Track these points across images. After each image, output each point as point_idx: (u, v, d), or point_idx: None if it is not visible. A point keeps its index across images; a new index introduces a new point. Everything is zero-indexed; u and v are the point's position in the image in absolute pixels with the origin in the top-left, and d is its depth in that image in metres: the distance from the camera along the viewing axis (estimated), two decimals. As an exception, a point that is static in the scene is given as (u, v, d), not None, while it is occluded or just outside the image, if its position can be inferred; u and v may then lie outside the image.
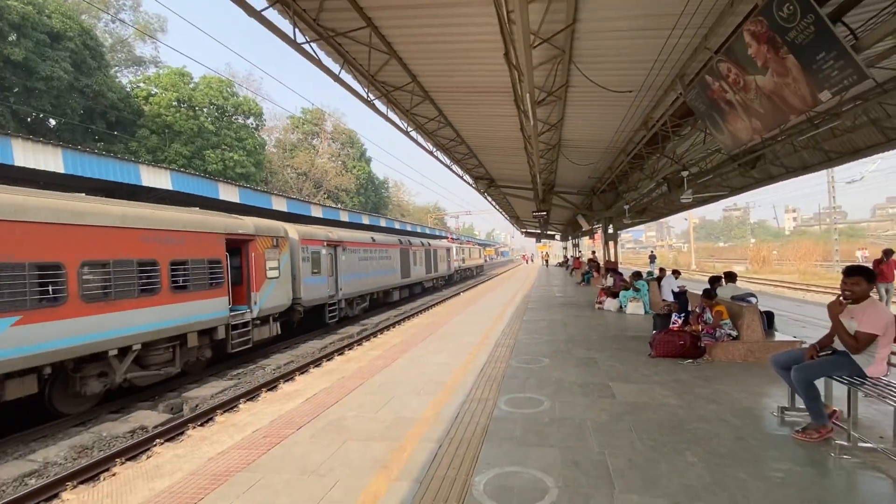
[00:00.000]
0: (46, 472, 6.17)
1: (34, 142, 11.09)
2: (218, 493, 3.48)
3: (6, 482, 5.82)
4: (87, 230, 7.77)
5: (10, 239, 6.68)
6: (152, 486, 3.78)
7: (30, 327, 6.80)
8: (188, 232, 9.86)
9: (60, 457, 6.52)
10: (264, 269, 12.19)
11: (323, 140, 52.38)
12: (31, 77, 22.94)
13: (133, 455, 6.56)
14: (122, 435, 7.28)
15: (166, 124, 29.95)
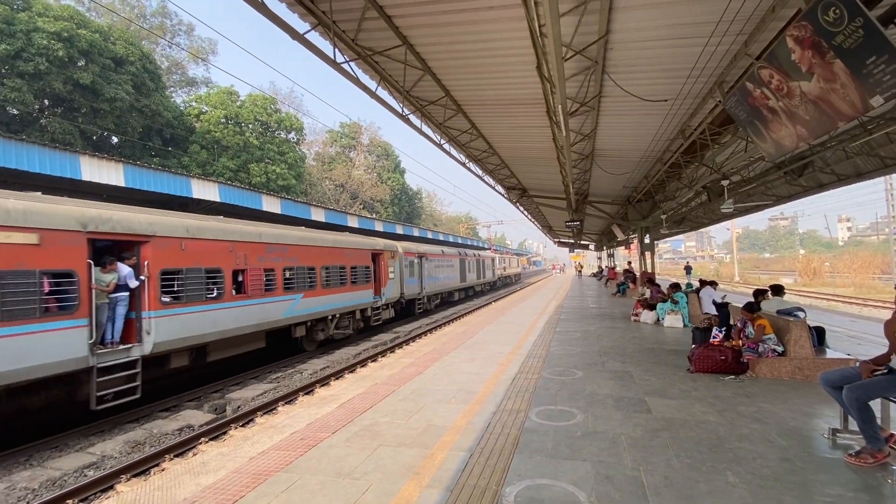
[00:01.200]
0: (103, 464, 6.61)
1: (99, 158, 12.07)
2: (258, 491, 3.66)
3: (68, 472, 6.28)
4: (330, 249, 14.47)
5: (306, 253, 13.11)
6: (198, 482, 4.01)
7: (305, 300, 12.77)
8: (358, 249, 16.16)
9: (116, 451, 6.97)
10: (387, 272, 17.94)
11: (359, 153, 53.86)
12: (97, 99, 24.96)
13: (180, 452, 6.94)
14: (171, 432, 7.70)
15: (215, 140, 31.73)
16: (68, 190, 12.35)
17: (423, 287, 22.37)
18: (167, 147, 29.95)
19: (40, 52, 22.18)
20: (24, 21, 22.02)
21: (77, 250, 7.09)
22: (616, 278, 28.13)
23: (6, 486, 5.81)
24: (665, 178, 13.81)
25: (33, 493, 5.74)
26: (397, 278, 18.81)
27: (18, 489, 5.78)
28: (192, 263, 9.19)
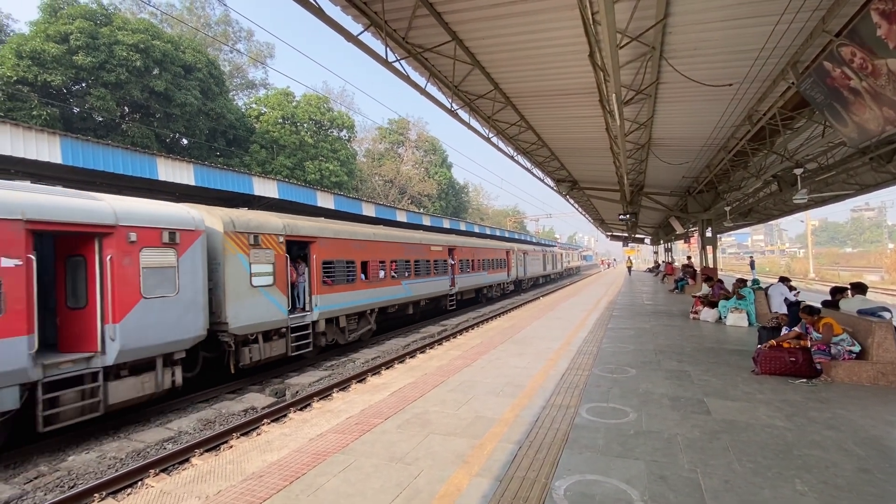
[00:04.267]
0: (180, 439, 7.28)
1: (172, 159, 13.13)
2: (318, 470, 3.90)
3: (150, 445, 6.97)
4: (471, 249, 23.70)
5: (424, 251, 18.34)
6: (264, 458, 4.35)
7: (411, 283, 16.88)
8: (497, 249, 28.03)
9: (190, 427, 7.65)
10: (515, 263, 31.31)
11: (407, 148, 54.68)
12: (169, 104, 27.07)
13: (246, 431, 7.49)
14: (238, 413, 8.32)
15: (273, 139, 33.44)
16: (147, 189, 13.54)
17: (526, 273, 34.66)
18: (230, 147, 31.94)
19: (121, 63, 24.34)
20: (107, 35, 24.22)
21: (282, 247, 10.83)
22: (674, 274, 26.78)
23: (97, 455, 6.55)
24: (729, 168, 12.95)
25: (121, 462, 6.42)
26: (516, 266, 31.78)
27: (108, 458, 6.50)
28: (340, 256, 12.80)
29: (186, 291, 8.22)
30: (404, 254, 16.66)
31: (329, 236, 12.35)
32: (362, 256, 13.91)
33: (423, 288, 18.00)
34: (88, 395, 6.88)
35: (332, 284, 12.33)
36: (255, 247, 9.89)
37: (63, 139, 10.60)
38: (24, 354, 6.00)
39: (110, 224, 7.13)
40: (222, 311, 9.08)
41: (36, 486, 5.70)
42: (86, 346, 7.00)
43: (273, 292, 10.28)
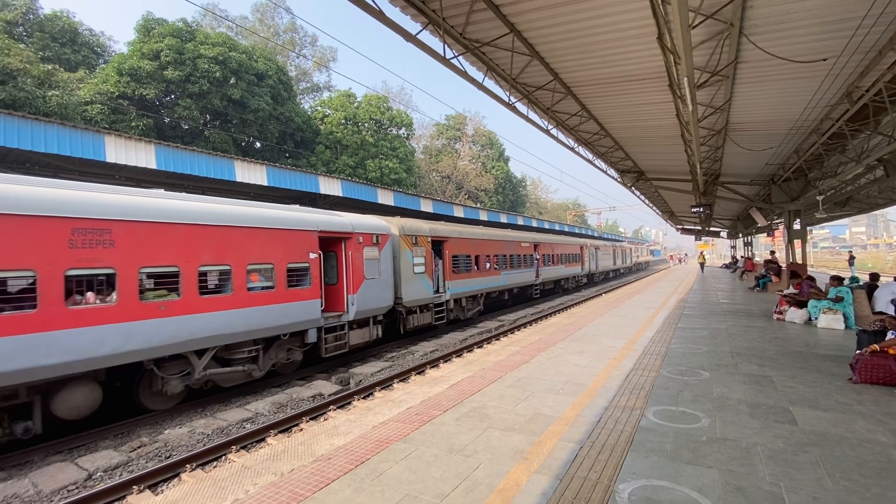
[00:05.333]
0: (257, 419, 7.89)
1: (247, 161, 14.18)
2: (381, 456, 4.07)
3: (232, 423, 7.62)
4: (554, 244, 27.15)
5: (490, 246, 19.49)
6: (332, 442, 4.60)
7: (507, 274, 20.14)
8: (572, 245, 30.70)
9: (266, 409, 8.26)
10: (588, 257, 33.65)
11: (464, 143, 54.75)
12: (244, 110, 29.20)
13: (315, 415, 7.96)
14: (307, 398, 8.86)
15: (337, 140, 34.97)
16: (226, 190, 14.74)
17: (597, 267, 36.79)
18: (298, 149, 33.85)
19: (203, 75, 26.60)
20: (191, 50, 26.55)
21: (429, 245, 14.47)
22: (755, 270, 24.59)
23: (188, 430, 7.27)
24: (823, 152, 11.62)
25: (208, 438, 7.09)
26: (589, 261, 33.91)
27: (197, 433, 7.20)
28: (462, 252, 16.41)
29: (384, 275, 11.96)
30: (502, 249, 19.72)
31: (456, 236, 16.14)
32: (476, 251, 17.33)
33: (516, 278, 21.05)
34: (340, 338, 10.85)
35: (457, 273, 16.01)
36: (415, 245, 13.64)
37: (157, 147, 11.81)
38: (318, 310, 9.96)
39: (349, 231, 10.96)
40: (399, 290, 12.83)
41: (139, 454, 6.46)
42: (338, 308, 10.89)
43: (425, 278, 14.02)
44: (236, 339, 8.38)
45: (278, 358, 9.62)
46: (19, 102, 20.18)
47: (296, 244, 9.51)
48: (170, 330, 7.28)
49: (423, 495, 3.36)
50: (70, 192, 6.48)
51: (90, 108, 23.55)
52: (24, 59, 22.27)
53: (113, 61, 26.42)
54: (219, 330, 8.02)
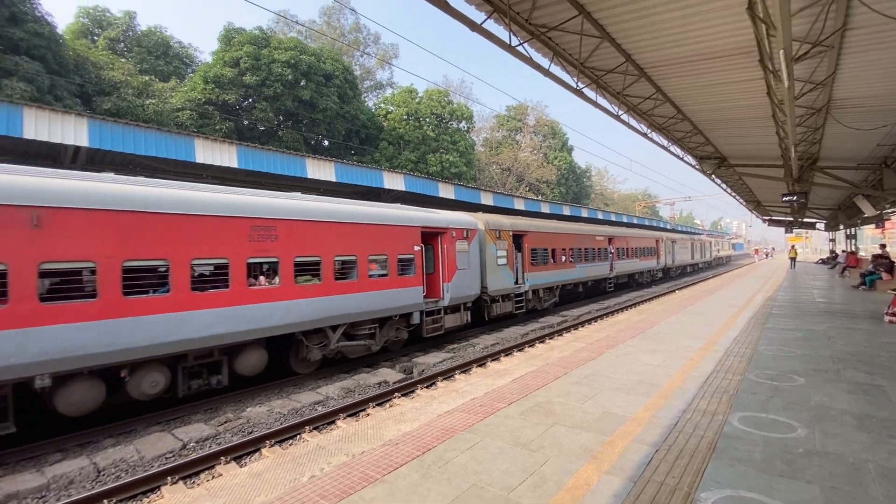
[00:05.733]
0: (327, 402, 8.33)
1: (317, 159, 14.90)
2: (446, 444, 4.12)
3: (305, 405, 8.10)
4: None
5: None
6: (399, 428, 4.74)
7: (582, 267, 20.68)
8: (647, 238, 30.37)
9: (335, 394, 8.69)
10: (664, 251, 32.91)
11: (525, 134, 53.64)
12: (313, 110, 30.73)
13: (380, 402, 8.25)
14: (373, 385, 9.21)
15: (399, 136, 35.78)
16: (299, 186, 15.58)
17: (674, 261, 35.72)
18: (363, 145, 35.07)
19: (277, 79, 28.32)
20: (266, 56, 28.34)
21: (511, 238, 15.43)
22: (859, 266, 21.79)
23: (267, 409, 7.84)
24: (952, 129, 9.93)
25: (284, 417, 7.60)
26: (664, 254, 32.90)
27: (275, 412, 7.73)
28: (540, 245, 17.13)
29: (473, 266, 13.22)
30: (578, 243, 20.26)
31: (534, 230, 16.96)
32: (552, 245, 18.09)
33: (591, 271, 21.49)
34: (437, 321, 12.16)
35: (535, 265, 16.77)
36: (498, 239, 14.63)
37: (239, 147, 12.77)
38: (421, 296, 11.42)
39: (445, 227, 12.30)
40: (485, 280, 13.91)
41: (226, 428, 7.07)
42: (435, 295, 12.11)
43: (507, 269, 14.97)
44: (360, 318, 9.99)
45: (389, 336, 11.07)
46: (122, 111, 22.74)
47: (404, 238, 11.04)
48: (315, 308, 8.94)
49: (489, 486, 3.35)
50: (248, 198, 8.22)
51: (181, 114, 26.00)
52: (125, 72, 25.07)
53: (199, 70, 28.94)
54: (348, 309, 9.66)
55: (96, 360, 6.21)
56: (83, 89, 22.81)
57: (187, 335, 7.11)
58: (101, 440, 6.70)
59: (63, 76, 21.42)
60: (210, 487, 3.91)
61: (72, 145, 9.86)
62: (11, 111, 9.10)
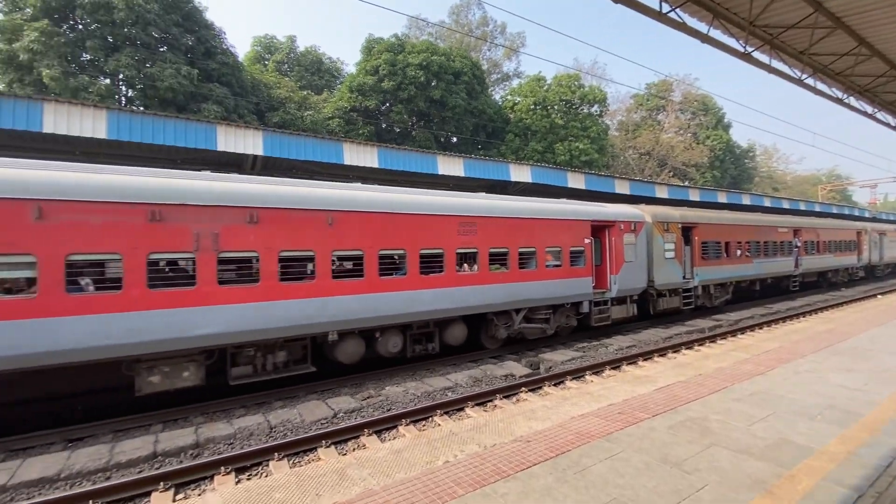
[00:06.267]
0: (455, 389, 8.59)
1: (447, 155, 15.42)
2: (581, 450, 3.87)
3: (436, 389, 8.48)
4: None
5: None
6: (530, 425, 4.63)
7: (760, 262, 18.55)
8: (843, 230, 25.61)
9: (463, 382, 8.93)
10: (868, 245, 27.75)
11: (669, 112, 47.95)
12: (443, 109, 31.97)
13: (507, 395, 8.22)
14: (499, 377, 9.22)
15: (526, 127, 35.16)
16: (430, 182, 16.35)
17: (882, 257, 29.91)
18: (490, 139, 35.35)
19: (410, 82, 30.11)
20: (401, 61, 30.31)
21: (679, 231, 14.86)
22: None
23: (403, 389, 8.40)
24: None
25: (417, 398, 8.06)
26: (868, 249, 27.96)
27: (409, 393, 8.25)
28: (711, 238, 16.00)
29: (639, 259, 13.15)
30: (755, 235, 18.51)
31: (705, 222, 15.96)
32: (726, 237, 16.81)
33: (770, 267, 19.40)
34: (604, 312, 12.50)
35: (706, 259, 15.84)
36: (666, 231, 14.29)
37: (379, 149, 13.91)
38: (590, 286, 11.95)
39: (613, 220, 12.54)
40: (651, 273, 13.73)
41: (368, 403, 7.79)
42: (602, 286, 12.44)
43: (674, 263, 14.57)
44: (538, 303, 10.98)
45: (561, 321, 11.77)
46: (287, 123, 26.60)
47: (576, 231, 11.71)
48: (503, 292, 10.20)
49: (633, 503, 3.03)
50: (457, 200, 9.89)
51: (331, 121, 29.42)
52: (289, 89, 29.29)
53: (345, 81, 32.32)
54: (529, 295, 10.71)
55: (362, 324, 8.39)
56: (258, 107, 27.33)
57: (415, 309, 8.97)
58: (272, 402, 7.97)
59: (243, 97, 25.94)
60: (358, 457, 4.32)
61: (251, 154, 11.85)
62: (208, 129, 11.30)
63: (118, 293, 6.28)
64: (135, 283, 6.35)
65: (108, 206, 6.24)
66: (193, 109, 21.92)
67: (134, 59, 21.19)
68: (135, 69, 21.19)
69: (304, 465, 5.38)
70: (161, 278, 6.74)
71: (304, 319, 7.79)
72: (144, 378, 6.78)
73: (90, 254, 6.23)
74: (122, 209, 6.32)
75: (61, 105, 9.63)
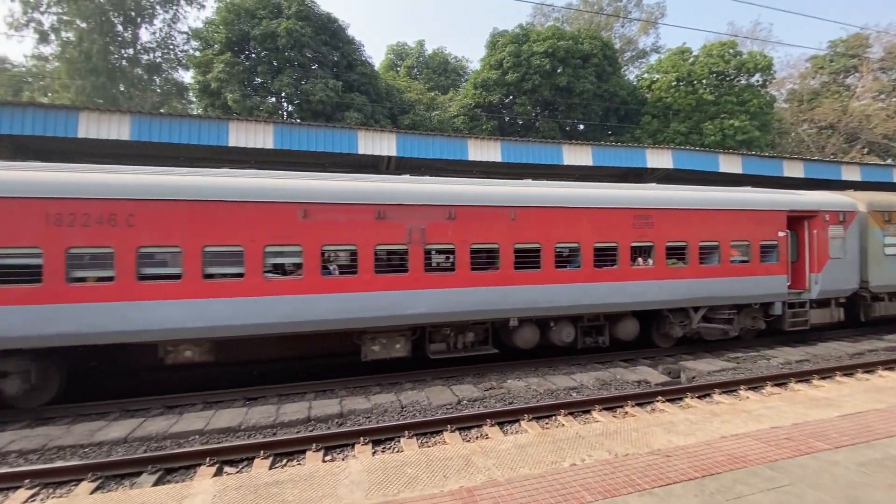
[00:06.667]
0: (581, 390, 8.18)
1: (573, 144, 14.68)
2: (736, 475, 3.34)
3: (560, 388, 8.18)
4: None
5: None
6: (669, 439, 4.16)
7: None
8: None
9: (589, 383, 8.46)
10: None
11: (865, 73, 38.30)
12: (570, 95, 30.49)
13: (641, 402, 7.55)
14: (631, 382, 8.51)
15: (666, 106, 31.56)
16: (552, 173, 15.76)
17: None
18: (622, 123, 32.65)
19: (535, 71, 29.34)
20: (525, 51, 29.69)
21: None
22: None
23: (525, 384, 8.30)
24: None
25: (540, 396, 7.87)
26: None
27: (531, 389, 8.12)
28: None
29: (849, 255, 11.55)
30: None
31: None
32: None
33: None
34: (800, 315, 11.17)
35: None
36: (887, 223, 12.30)
37: (502, 143, 13.92)
38: (784, 285, 10.80)
39: (815, 210, 11.19)
40: (865, 272, 11.93)
41: (490, 395, 7.90)
42: (800, 285, 11.24)
43: None
44: (720, 302, 10.29)
45: (745, 323, 10.80)
46: (416, 124, 28.18)
47: (768, 223, 10.65)
48: (681, 289, 9.88)
49: (808, 551, 2.51)
50: (631, 192, 9.84)
51: (456, 119, 30.32)
52: (418, 91, 30.98)
53: (469, 78, 32.95)
54: (710, 293, 10.12)
55: (539, 313, 8.99)
56: (391, 111, 29.50)
57: (588, 301, 9.22)
58: (403, 383, 8.60)
59: (379, 103, 28.23)
60: (482, 446, 4.40)
61: (387, 156, 12.86)
62: (351, 135, 12.57)
63: (354, 277, 7.90)
64: (366, 269, 7.91)
65: (350, 207, 7.89)
66: (338, 118, 24.64)
67: (292, 78, 24.63)
68: (293, 87, 24.62)
69: (431, 447, 5.68)
70: (384, 266, 8.25)
71: (491, 305, 8.64)
72: (369, 347, 8.40)
73: (337, 245, 7.96)
74: (359, 209, 7.92)
75: (241, 122, 11.70)
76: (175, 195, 7.09)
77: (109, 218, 6.76)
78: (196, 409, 7.41)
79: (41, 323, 6.51)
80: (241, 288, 7.33)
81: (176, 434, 6.23)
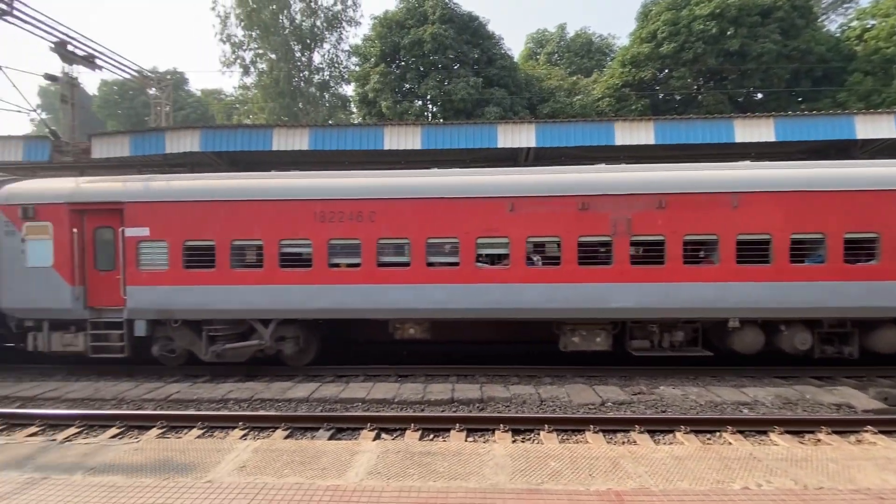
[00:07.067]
0: (754, 407, 6.98)
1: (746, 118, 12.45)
2: None
3: (726, 402, 7.10)
4: None
5: None
6: (883, 477, 3.30)
7: None
8: None
9: (766, 400, 7.16)
10: None
11: None
12: (743, 61, 25.86)
13: (839, 430, 6.13)
14: (827, 405, 6.96)
15: (885, 60, 24.51)
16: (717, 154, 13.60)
17: None
18: (817, 87, 26.46)
19: (698, 38, 25.61)
20: (685, 17, 26.09)
21: None
22: None
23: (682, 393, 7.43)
24: None
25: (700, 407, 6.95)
26: None
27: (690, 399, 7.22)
28: None
29: None
30: None
31: None
32: None
33: None
34: None
35: None
36: None
37: (655, 123, 12.57)
38: None
39: None
40: None
41: (638, 399, 7.30)
42: None
43: None
44: None
45: None
46: (556, 112, 27.21)
47: None
48: None
49: None
50: (789, 171, 8.35)
51: (601, 102, 28.37)
52: (558, 78, 29.82)
53: (617, 56, 30.44)
54: None
55: (766, 314, 8.06)
56: (530, 101, 29.03)
57: (835, 304, 7.90)
58: (541, 377, 8.53)
59: (517, 94, 28.03)
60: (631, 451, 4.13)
61: (525, 147, 12.76)
62: (490, 130, 12.76)
63: (557, 268, 8.13)
64: (569, 260, 8.06)
65: (553, 200, 8.10)
66: (478, 114, 25.30)
67: (436, 80, 26.09)
68: (437, 88, 26.09)
69: (573, 444, 5.54)
70: (587, 257, 8.20)
71: (706, 303, 8.04)
72: (568, 338, 8.54)
73: (541, 237, 8.34)
74: (562, 201, 8.08)
75: (393, 127, 12.90)
76: (405, 194, 8.30)
77: (357, 214, 8.23)
78: (358, 380, 8.53)
79: (311, 299, 8.29)
80: (456, 275, 8.14)
81: (344, 399, 7.29)
